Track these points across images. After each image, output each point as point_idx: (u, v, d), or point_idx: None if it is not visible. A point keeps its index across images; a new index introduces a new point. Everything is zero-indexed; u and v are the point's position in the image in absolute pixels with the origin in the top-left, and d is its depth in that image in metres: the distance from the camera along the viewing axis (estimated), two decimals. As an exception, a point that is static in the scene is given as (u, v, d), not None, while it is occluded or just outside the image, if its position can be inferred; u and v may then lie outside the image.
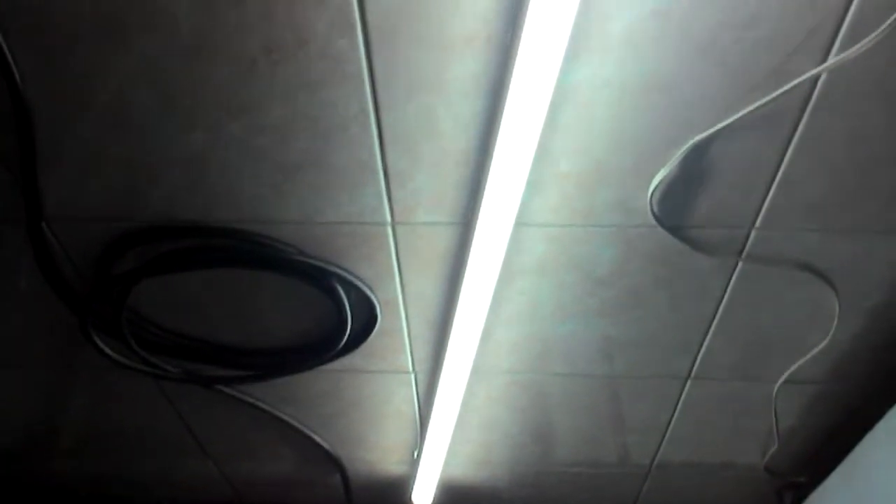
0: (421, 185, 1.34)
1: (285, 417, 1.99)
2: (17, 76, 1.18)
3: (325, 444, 2.13)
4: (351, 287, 1.55)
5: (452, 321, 1.62)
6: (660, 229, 1.41)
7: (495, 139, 1.22)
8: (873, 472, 1.80)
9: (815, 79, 1.14)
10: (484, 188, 1.31)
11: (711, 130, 1.21)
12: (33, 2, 1.09)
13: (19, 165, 1.31)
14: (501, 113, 1.17)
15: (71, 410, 2.10)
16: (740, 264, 1.49)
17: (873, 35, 1.04)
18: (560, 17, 1.05)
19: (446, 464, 2.26)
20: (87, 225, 1.44)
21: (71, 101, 1.23)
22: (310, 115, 1.22)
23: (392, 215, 1.41)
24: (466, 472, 2.34)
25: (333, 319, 1.64)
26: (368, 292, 1.56)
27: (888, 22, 1.03)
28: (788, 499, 2.28)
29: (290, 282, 1.54)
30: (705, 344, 1.71)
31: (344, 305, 1.57)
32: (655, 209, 1.36)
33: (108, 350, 1.67)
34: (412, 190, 1.35)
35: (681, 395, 1.90)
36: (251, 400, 1.91)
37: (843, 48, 1.09)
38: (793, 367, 1.75)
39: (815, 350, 1.68)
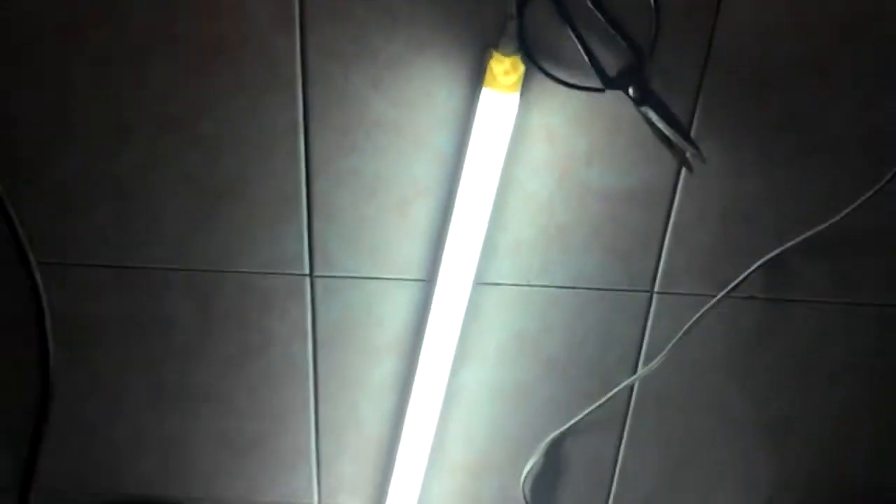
0: (344, 470, 1.67)
1: None
2: (51, 364, 1.54)
3: None
4: (278, 569, 1.78)
5: None
6: (536, 521, 1.73)
7: (401, 429, 1.58)
8: None
9: (630, 388, 1.57)
10: (391, 474, 1.64)
11: (562, 429, 1.60)
12: (69, 309, 1.49)
13: (28, 443, 1.61)
14: (406, 406, 1.56)
15: None
16: (599, 555, 1.78)
17: (661, 355, 1.50)
18: (449, 335, 1.48)
19: None
20: (66, 497, 1.69)
21: (79, 387, 1.57)
22: (264, 403, 1.58)
23: (319, 498, 1.70)
24: None
25: None
26: (292, 575, 1.79)
27: (667, 348, 1.50)
28: None
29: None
30: None
31: (270, 587, 1.78)
32: (528, 499, 1.69)
33: None
34: (336, 474, 1.67)
35: None
36: None
37: (645, 364, 1.54)
38: None
39: None
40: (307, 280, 1.47)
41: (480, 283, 1.46)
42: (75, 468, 1.66)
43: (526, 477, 1.66)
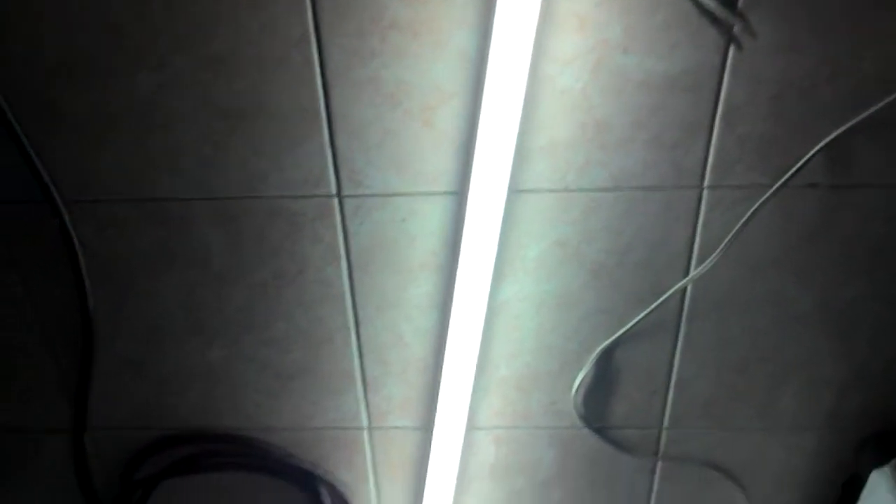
0: (391, 392, 1.59)
1: None
2: (90, 305, 1.48)
3: None
4: (335, 493, 1.73)
5: (420, 528, 1.78)
6: (587, 430, 1.63)
7: (444, 348, 1.49)
8: None
9: (683, 291, 1.44)
10: (438, 394, 1.56)
11: (612, 338, 1.50)
12: (101, 247, 1.42)
13: (76, 383, 1.57)
14: (448, 324, 1.46)
15: None
16: (659, 464, 1.69)
17: (715, 254, 1.37)
18: (486, 247, 1.37)
19: None
20: (119, 434, 1.66)
21: (120, 325, 1.52)
22: (303, 329, 1.50)
23: (369, 420, 1.64)
24: None
25: (318, 528, 1.80)
26: (348, 498, 1.74)
27: (722, 246, 1.36)
28: None
29: (281, 485, 1.72)
30: (645, 547, 1.85)
31: (326, 508, 1.74)
32: (581, 410, 1.60)
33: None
34: (385, 396, 1.60)
35: None
36: None
37: (698, 265, 1.41)
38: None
39: (741, 550, 1.82)
40: (335, 201, 1.37)
41: (515, 190, 1.34)
42: (125, 406, 1.62)
43: (577, 389, 1.57)
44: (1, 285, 1.47)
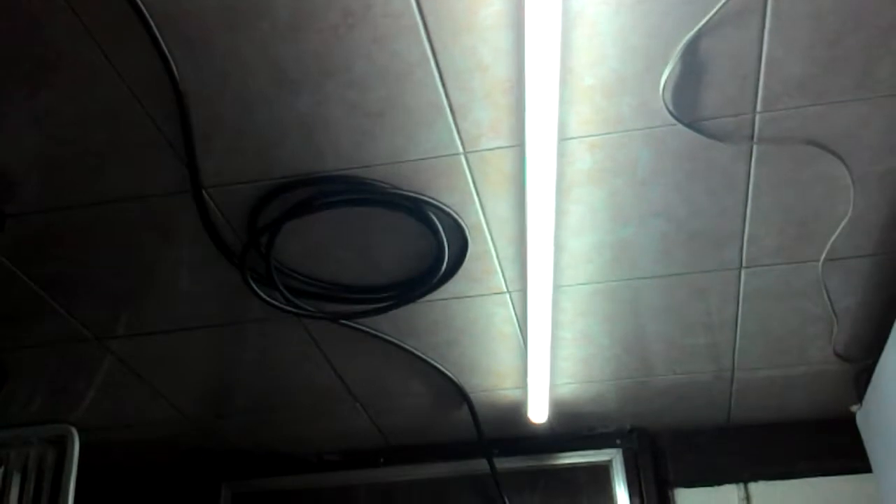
0: (480, 116, 1.60)
1: (409, 348, 2.27)
2: (175, 69, 1.51)
3: (449, 373, 2.39)
4: (442, 214, 1.81)
5: (527, 237, 1.86)
6: (680, 126, 1.61)
7: (524, 65, 1.47)
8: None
9: (768, -33, 1.34)
10: (525, 109, 1.55)
11: (697, 28, 1.42)
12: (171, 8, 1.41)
13: (183, 145, 1.65)
14: (524, 41, 1.42)
15: (241, 367, 2.45)
16: (754, 148, 1.67)
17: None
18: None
19: (554, 385, 2.47)
20: (234, 189, 1.77)
21: (210, 87, 1.55)
22: (382, 66, 1.50)
23: (462, 146, 1.67)
24: (575, 391, 2.55)
25: (433, 249, 1.91)
26: (457, 217, 1.83)
27: None
28: (863, 383, 2.37)
29: (391, 216, 1.82)
30: (746, 231, 1.89)
31: (439, 231, 1.84)
32: (670, 107, 1.58)
33: (265, 296, 1.99)
34: (473, 121, 1.61)
35: (739, 285, 2.06)
36: (380, 334, 2.20)
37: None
38: (829, 244, 1.89)
39: (843, 222, 1.83)
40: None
41: None
42: (233, 163, 1.70)
43: (664, 86, 1.53)
44: (78, 56, 1.47)
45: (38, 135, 1.63)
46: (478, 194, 1.79)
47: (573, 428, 2.78)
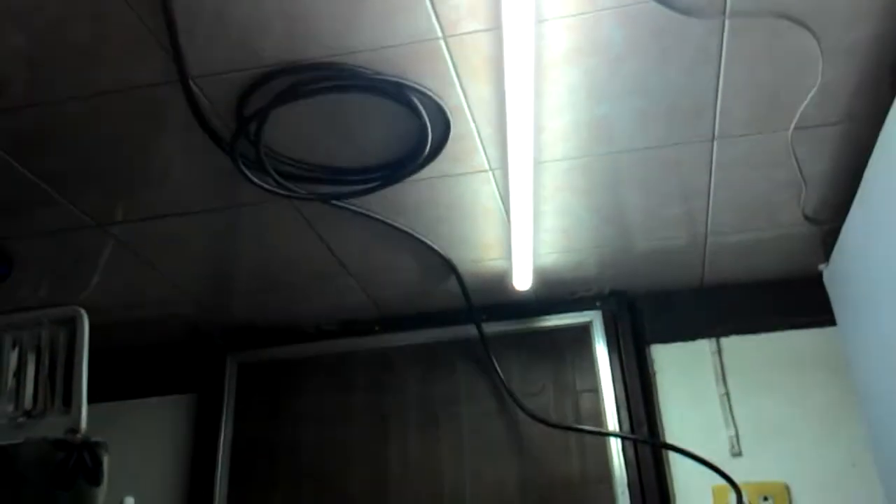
0: (458, 0, 1.63)
1: (398, 225, 2.36)
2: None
3: (437, 248, 2.50)
4: (424, 97, 1.86)
5: (507, 117, 1.92)
6: (653, 3, 1.65)
7: (502, -53, 1.49)
8: (884, 195, 1.98)
9: None
10: (504, -8, 1.58)
11: None
12: None
13: (168, 37, 1.67)
14: (501, -76, 1.44)
15: (240, 248, 2.55)
16: (727, 22, 1.71)
17: None
18: None
19: (537, 254, 2.59)
20: (220, 78, 1.80)
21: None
22: (362, -45, 1.52)
23: (442, 30, 1.70)
24: (556, 260, 2.66)
25: (416, 131, 1.97)
26: (438, 100, 1.88)
27: None
28: (830, 244, 2.48)
29: (375, 101, 1.87)
30: (719, 104, 1.95)
31: (422, 113, 1.89)
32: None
33: (257, 180, 2.06)
34: (452, 5, 1.64)
35: (712, 156, 2.14)
36: (370, 213, 2.29)
37: None
38: (797, 113, 1.96)
39: (812, 92, 1.89)
40: None
41: None
42: (218, 53, 1.73)
43: (638, -34, 1.56)
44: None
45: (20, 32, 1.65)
46: (458, 77, 1.83)
47: (555, 293, 2.92)
